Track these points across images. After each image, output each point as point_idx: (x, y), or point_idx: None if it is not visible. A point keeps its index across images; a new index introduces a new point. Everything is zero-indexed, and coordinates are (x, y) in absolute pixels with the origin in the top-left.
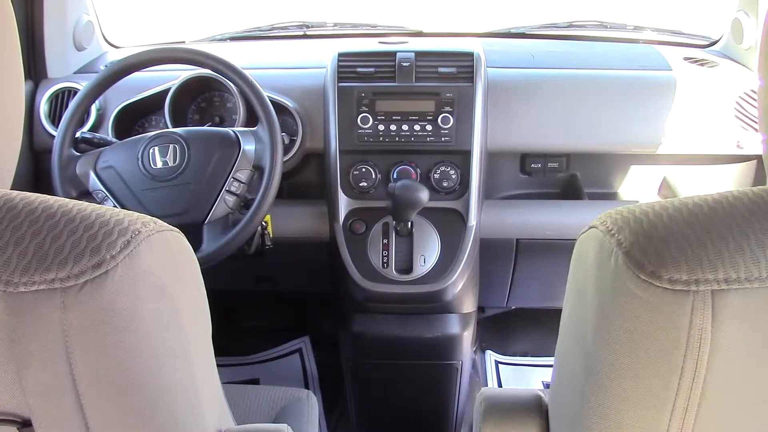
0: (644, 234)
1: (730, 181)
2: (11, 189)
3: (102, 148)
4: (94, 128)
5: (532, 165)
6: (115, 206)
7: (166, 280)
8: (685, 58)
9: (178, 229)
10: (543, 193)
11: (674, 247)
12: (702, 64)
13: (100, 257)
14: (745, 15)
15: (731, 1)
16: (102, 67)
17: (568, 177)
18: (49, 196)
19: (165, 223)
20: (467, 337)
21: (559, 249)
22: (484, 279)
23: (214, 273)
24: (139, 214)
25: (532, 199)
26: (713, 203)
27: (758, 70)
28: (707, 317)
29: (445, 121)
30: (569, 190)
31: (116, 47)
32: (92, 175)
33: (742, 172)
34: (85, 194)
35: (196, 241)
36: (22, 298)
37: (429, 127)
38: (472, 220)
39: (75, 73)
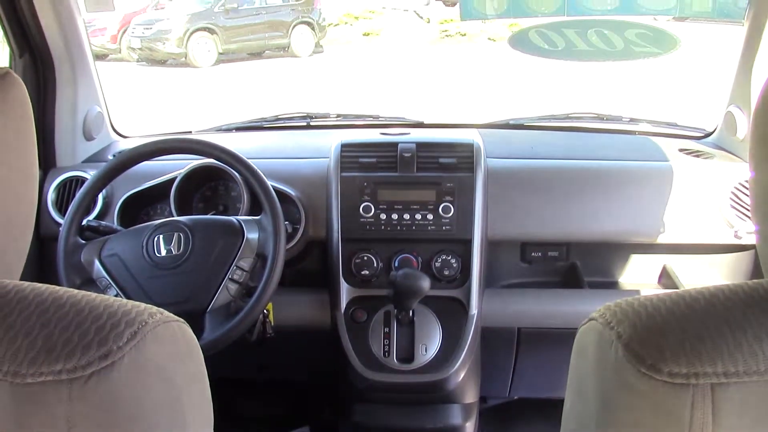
0: (643, 327)
1: (729, 270)
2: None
3: (107, 236)
4: (100, 216)
5: (533, 254)
6: (117, 294)
7: (170, 371)
8: (681, 150)
9: (183, 320)
10: (544, 281)
11: (673, 341)
12: (697, 156)
13: (107, 348)
14: (737, 109)
15: (724, 94)
16: (110, 157)
17: (569, 266)
18: (59, 287)
19: (171, 314)
20: (469, 428)
21: (561, 338)
22: (485, 368)
23: (215, 360)
24: (145, 304)
25: (533, 288)
26: (710, 296)
27: (749, 162)
28: (707, 411)
29: (446, 210)
30: (570, 279)
31: (124, 137)
32: (97, 262)
33: (740, 262)
34: (89, 282)
35: (198, 329)
36: (29, 389)
37: (430, 216)
38: (474, 309)
39: (83, 162)
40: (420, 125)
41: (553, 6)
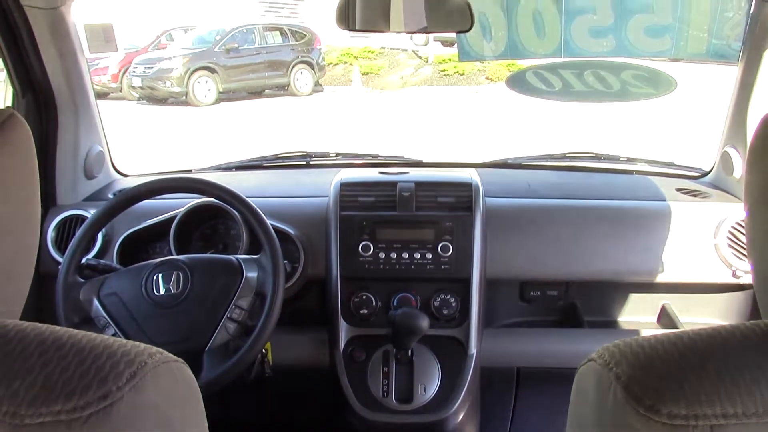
0: (642, 368)
1: (728, 309)
2: None
3: (106, 275)
4: (100, 254)
5: (532, 293)
6: (115, 334)
7: (169, 412)
8: (678, 189)
9: (182, 360)
10: (543, 320)
11: (672, 382)
12: (695, 195)
13: (107, 389)
14: (733, 149)
15: (720, 133)
16: (110, 196)
17: (568, 305)
18: (60, 328)
19: (170, 354)
20: None
21: (561, 378)
22: (485, 408)
23: (213, 401)
24: (145, 345)
25: (532, 328)
26: (708, 337)
27: (744, 202)
28: None
29: (445, 249)
30: (569, 318)
31: (125, 175)
32: (95, 301)
33: (739, 301)
34: (88, 320)
35: (196, 368)
36: (28, 430)
37: (429, 255)
38: (473, 348)
39: (84, 200)
40: (419, 164)
41: (549, 47)
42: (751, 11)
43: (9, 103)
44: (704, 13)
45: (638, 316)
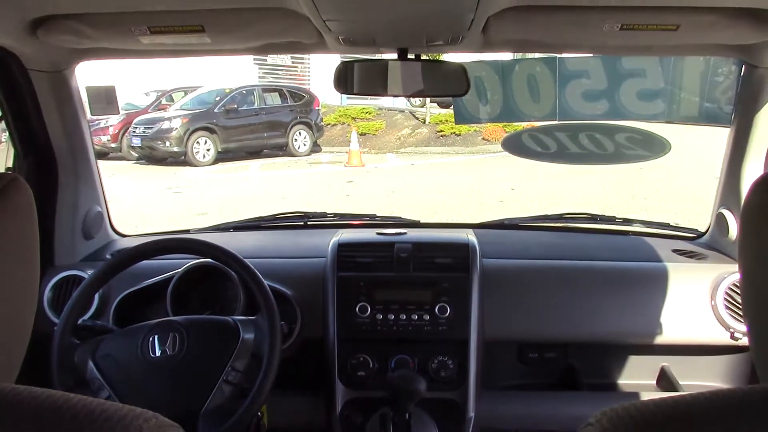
0: None
1: (727, 372)
2: None
3: (102, 336)
4: (96, 315)
5: (530, 355)
6: (110, 397)
7: None
8: (674, 250)
9: (177, 425)
10: (542, 383)
11: None
12: (691, 256)
13: None
14: (728, 210)
15: (714, 195)
16: (108, 256)
17: (567, 367)
18: (55, 392)
19: (165, 419)
20: None
21: None
22: None
23: None
24: (141, 409)
25: (531, 390)
26: (706, 402)
27: (738, 263)
28: None
29: (443, 310)
30: (568, 380)
31: (123, 236)
32: (91, 363)
33: (738, 363)
34: (83, 383)
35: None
36: None
37: (426, 317)
38: (471, 412)
39: (81, 260)
40: (416, 225)
41: (544, 111)
42: (742, 76)
43: (11, 164)
44: (695, 78)
45: (637, 378)
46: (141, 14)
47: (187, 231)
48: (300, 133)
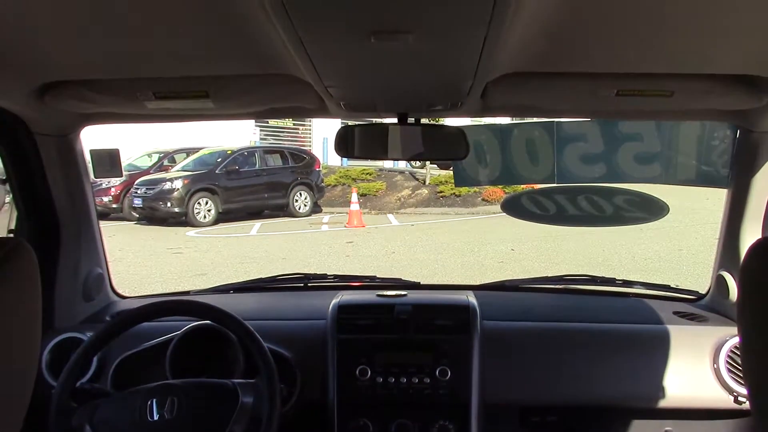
0: None
1: None
2: None
3: (100, 399)
4: (94, 378)
5: (532, 419)
6: None
7: None
8: (675, 312)
9: None
10: None
11: None
12: (692, 319)
13: None
14: (727, 273)
15: (713, 257)
16: (108, 318)
17: (569, 431)
18: None
19: None
20: None
21: None
22: None
23: None
24: None
25: None
26: None
27: (737, 327)
28: None
29: (443, 373)
30: None
31: (123, 297)
32: (88, 428)
33: (742, 427)
34: None
35: None
36: None
37: (427, 380)
38: None
39: (81, 322)
40: (416, 286)
41: (543, 173)
42: (737, 140)
43: (13, 226)
44: (692, 142)
45: None
46: (147, 80)
47: (187, 292)
48: (301, 193)
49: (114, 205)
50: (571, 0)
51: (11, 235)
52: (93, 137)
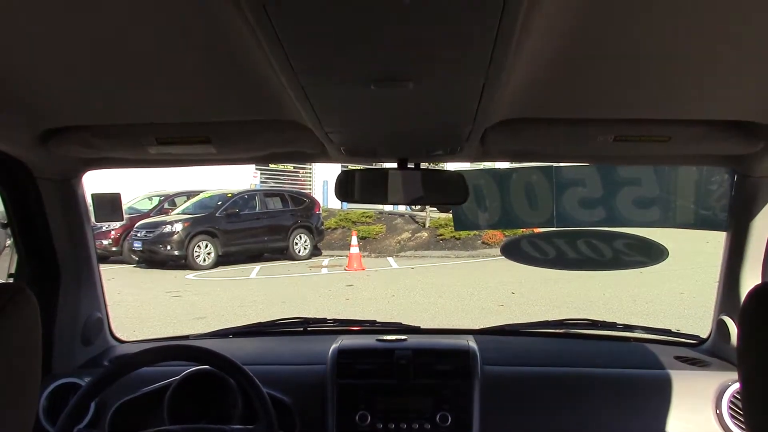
0: None
1: None
2: None
3: None
4: (92, 424)
5: None
6: None
7: None
8: (677, 357)
9: None
10: None
11: None
12: (693, 363)
13: None
14: (728, 317)
15: (713, 300)
16: (106, 363)
17: None
18: None
19: None
20: None
21: None
22: None
23: None
24: None
25: None
26: None
27: (738, 373)
28: None
29: (444, 419)
30: None
31: (121, 342)
32: None
33: None
34: None
35: None
36: None
37: (428, 426)
38: None
39: (79, 367)
40: (416, 331)
41: (542, 217)
42: (734, 184)
43: (13, 270)
44: (690, 186)
45: None
46: (149, 126)
47: (186, 337)
48: (300, 236)
49: (113, 248)
50: (568, 47)
51: (11, 280)
52: (93, 178)
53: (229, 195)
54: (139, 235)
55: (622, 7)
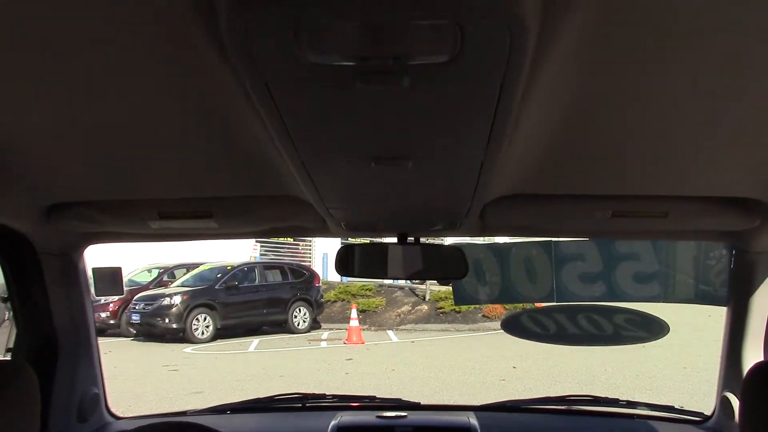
0: None
1: None
2: None
3: None
4: None
5: None
6: None
7: None
8: None
9: None
10: None
11: None
12: None
13: None
14: (731, 394)
15: (716, 375)
16: None
17: None
18: None
19: None
20: None
21: None
22: None
23: None
24: None
25: None
26: None
27: None
28: None
29: None
30: None
31: (117, 418)
32: None
33: None
34: None
35: None
36: None
37: None
38: None
39: None
40: (417, 407)
41: (542, 292)
42: (733, 259)
43: (11, 345)
44: (689, 261)
45: None
46: (151, 201)
47: (184, 413)
48: (300, 309)
49: (111, 321)
50: (565, 126)
51: (10, 355)
52: (93, 250)
53: (229, 267)
54: (137, 307)
55: (617, 88)
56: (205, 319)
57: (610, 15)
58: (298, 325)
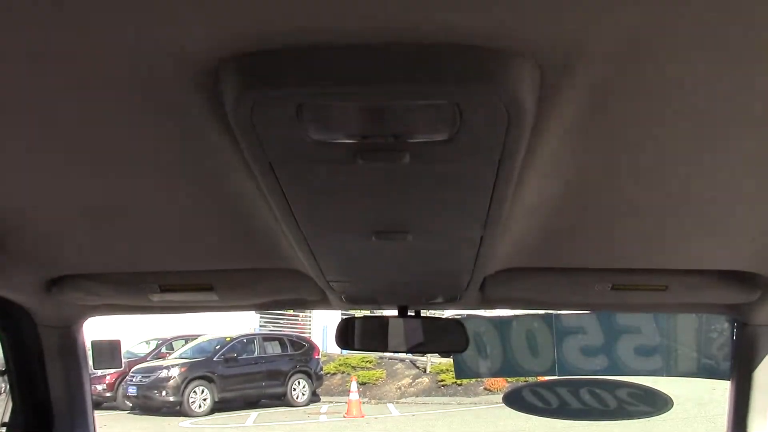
0: None
1: None
2: None
3: None
4: None
5: None
6: None
7: None
8: None
9: None
10: None
11: None
12: None
13: None
14: None
15: None
16: None
17: None
18: None
19: None
20: None
21: None
22: None
23: None
24: None
25: None
26: None
27: None
28: None
29: None
30: None
31: None
32: None
33: None
34: None
35: None
36: None
37: None
38: None
39: None
40: None
41: (544, 366)
42: (735, 332)
43: (7, 419)
44: (690, 334)
45: None
46: (152, 274)
47: None
48: (299, 382)
49: (108, 394)
50: (564, 200)
51: (4, 430)
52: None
53: (228, 339)
54: (134, 380)
55: (615, 163)
56: (202, 391)
57: (605, 92)
58: (297, 397)
